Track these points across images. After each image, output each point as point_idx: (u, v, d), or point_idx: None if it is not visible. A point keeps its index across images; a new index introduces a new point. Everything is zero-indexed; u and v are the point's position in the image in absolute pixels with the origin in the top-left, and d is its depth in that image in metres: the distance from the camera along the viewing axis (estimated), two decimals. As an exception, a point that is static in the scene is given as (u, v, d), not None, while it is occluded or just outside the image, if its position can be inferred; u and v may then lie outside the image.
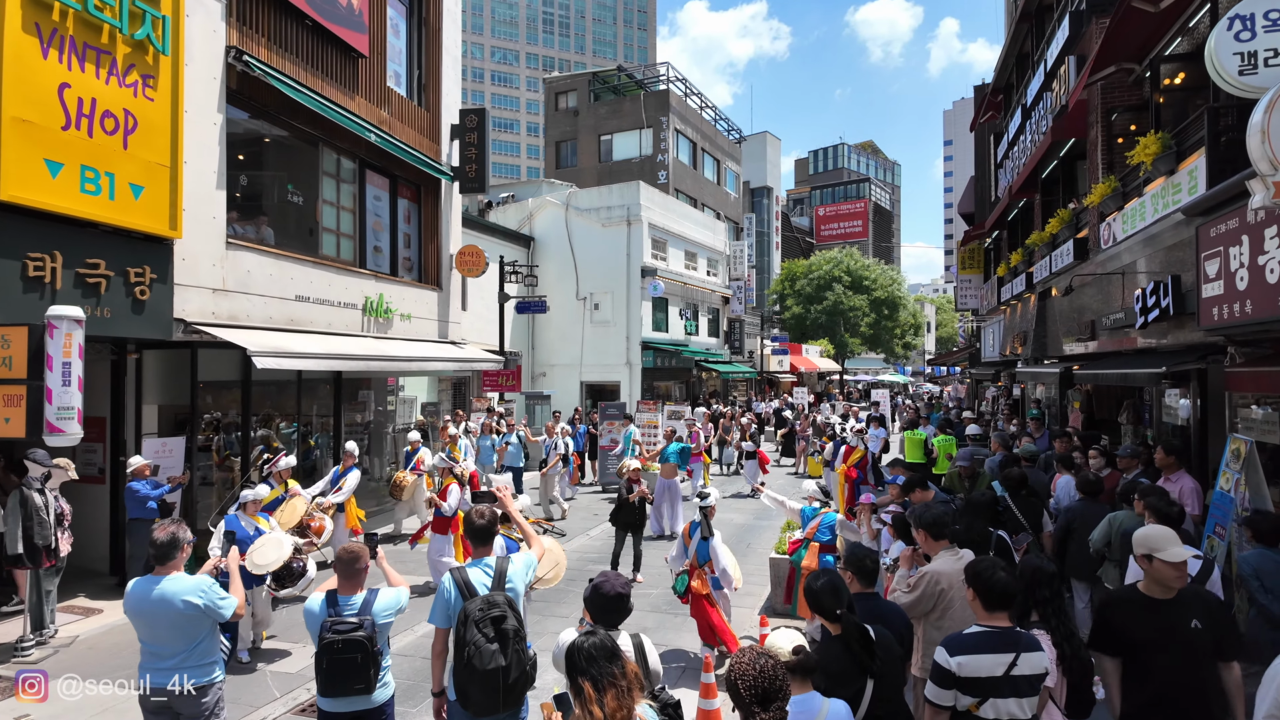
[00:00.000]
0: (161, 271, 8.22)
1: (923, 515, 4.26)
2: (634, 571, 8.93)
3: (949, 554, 4.18)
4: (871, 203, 72.26)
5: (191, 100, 8.62)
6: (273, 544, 6.53)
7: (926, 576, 4.04)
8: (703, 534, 6.35)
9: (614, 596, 3.30)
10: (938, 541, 4.22)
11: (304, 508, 8.13)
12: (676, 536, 11.17)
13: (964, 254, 20.41)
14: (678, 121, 34.98)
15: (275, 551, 6.45)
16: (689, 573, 6.45)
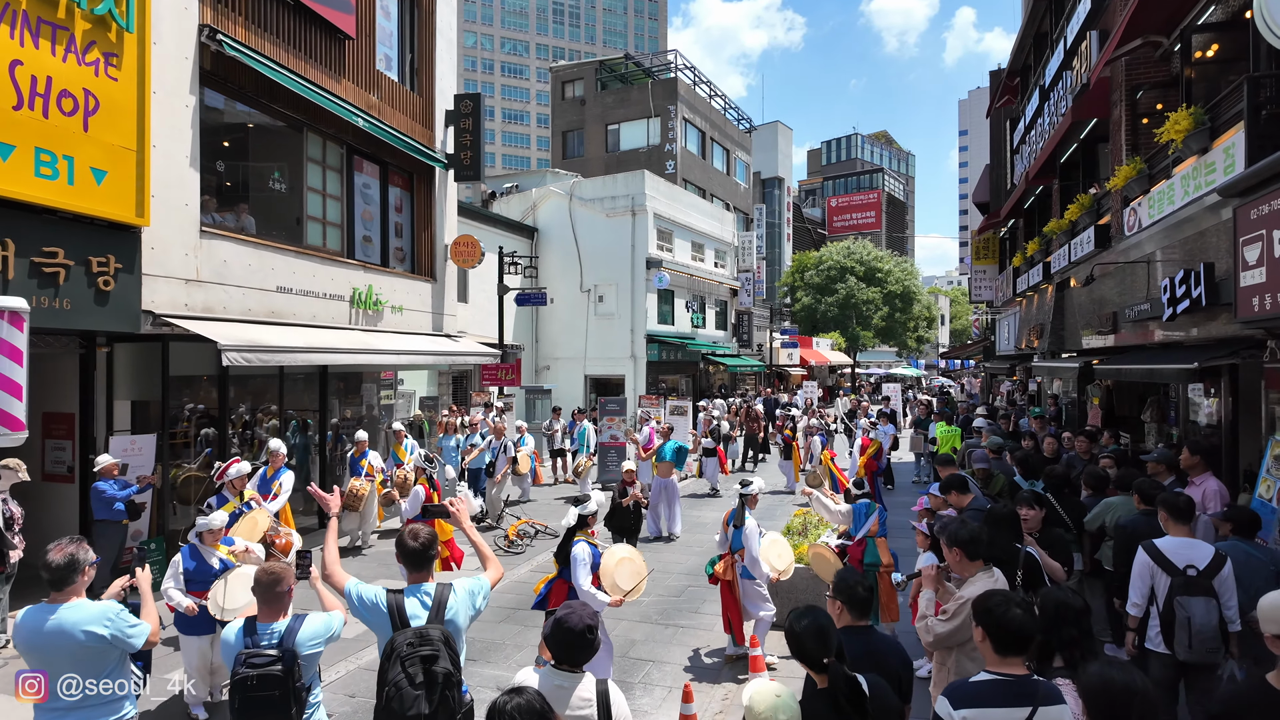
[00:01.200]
0: (128, 261, 7.82)
1: (958, 532, 3.78)
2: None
3: (986, 576, 3.71)
4: (885, 193, 71.31)
5: (160, 81, 8.20)
6: (242, 582, 5.53)
7: (966, 604, 3.56)
8: (735, 522, 6.22)
9: (578, 632, 2.80)
10: (973, 562, 3.74)
11: (266, 523, 7.10)
12: (675, 539, 10.78)
13: (979, 244, 19.75)
14: (686, 110, 34.37)
15: (246, 593, 5.50)
16: (721, 557, 6.48)
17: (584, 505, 5.84)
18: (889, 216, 71.41)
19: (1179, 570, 4.17)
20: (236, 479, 7.35)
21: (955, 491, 5.85)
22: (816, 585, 6.96)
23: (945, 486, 5.97)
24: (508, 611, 7.70)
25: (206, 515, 5.83)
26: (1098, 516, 6.06)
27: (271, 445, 8.68)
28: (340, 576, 3.32)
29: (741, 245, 31.50)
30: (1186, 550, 4.24)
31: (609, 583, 5.46)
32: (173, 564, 5.76)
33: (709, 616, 7.50)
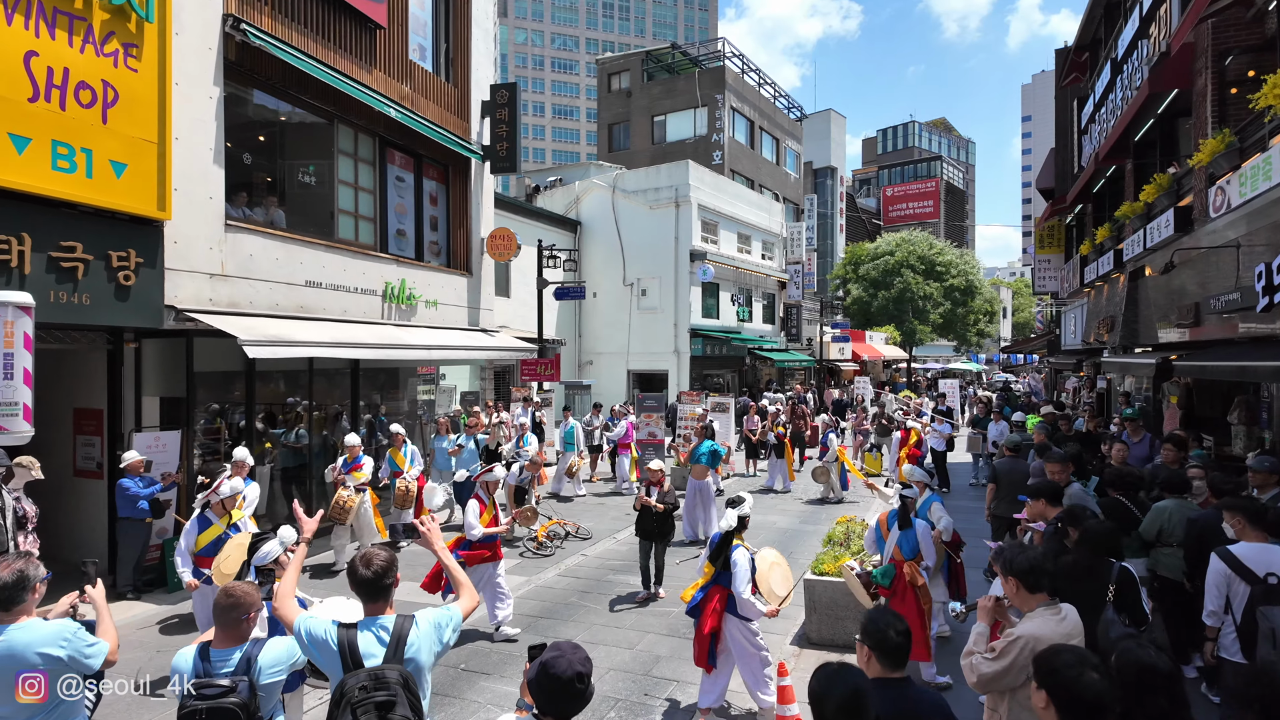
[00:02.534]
0: (149, 255, 7.71)
1: (1015, 559, 3.24)
2: (656, 585, 8.03)
3: (1049, 612, 3.16)
4: (943, 182, 68.94)
5: (182, 72, 8.08)
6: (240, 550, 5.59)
7: (1019, 642, 3.05)
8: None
9: (566, 680, 2.36)
10: (1034, 595, 3.20)
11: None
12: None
13: (1043, 231, 18.58)
14: (734, 99, 33.62)
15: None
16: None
17: (740, 506, 5.48)
18: (948, 206, 69.05)
19: (1259, 579, 3.96)
20: (228, 498, 6.22)
21: (1044, 501, 5.21)
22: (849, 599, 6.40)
23: (1035, 493, 5.32)
24: (529, 620, 7.34)
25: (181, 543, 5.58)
26: (1154, 522, 5.58)
27: (236, 454, 7.77)
28: (290, 611, 2.93)
29: (790, 236, 30.64)
30: (1265, 556, 4.03)
31: (765, 588, 5.21)
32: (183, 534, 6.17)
33: (742, 630, 7.00)
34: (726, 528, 5.37)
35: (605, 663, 6.24)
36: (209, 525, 6.11)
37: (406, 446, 10.04)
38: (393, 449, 10.08)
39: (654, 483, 8.10)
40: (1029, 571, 3.18)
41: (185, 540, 6.13)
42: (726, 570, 5.21)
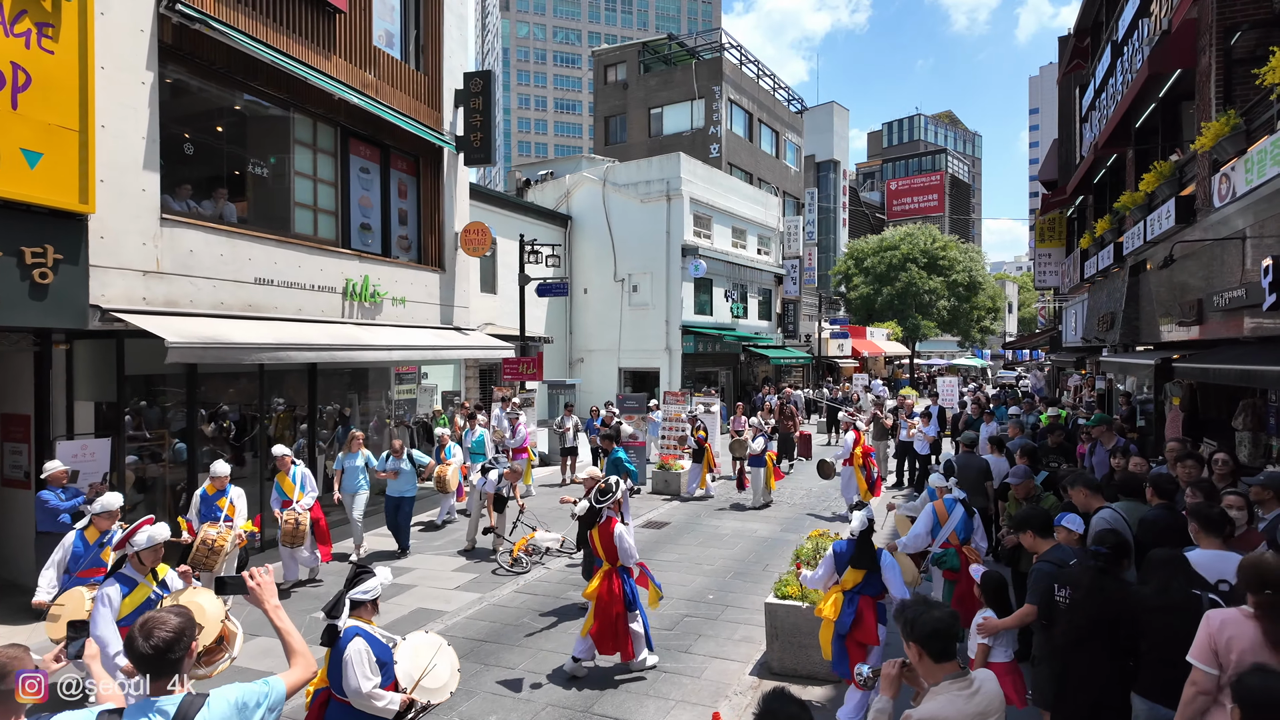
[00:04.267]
0: (71, 251, 7.19)
1: (917, 621, 2.68)
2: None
3: (956, 686, 2.60)
4: (948, 175, 68.07)
5: (109, 55, 7.56)
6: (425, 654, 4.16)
7: None
8: None
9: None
10: (939, 664, 2.64)
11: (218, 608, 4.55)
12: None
13: (1043, 224, 17.91)
14: (732, 91, 32.97)
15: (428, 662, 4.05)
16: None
17: (867, 509, 5.39)
18: (952, 199, 68.18)
19: (1211, 586, 3.77)
20: (147, 550, 4.69)
21: (1031, 532, 4.54)
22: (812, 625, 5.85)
23: (1020, 523, 4.64)
24: (473, 644, 6.81)
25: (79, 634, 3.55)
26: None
27: (215, 469, 7.52)
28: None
29: (788, 231, 30.00)
30: (1219, 564, 3.87)
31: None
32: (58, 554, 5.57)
33: (699, 658, 6.47)
34: (859, 530, 5.21)
35: (545, 696, 5.71)
36: (132, 586, 4.65)
37: (295, 470, 8.51)
38: (279, 474, 8.52)
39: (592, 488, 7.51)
40: (933, 637, 2.62)
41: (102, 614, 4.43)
42: (876, 573, 5.11)
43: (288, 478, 8.49)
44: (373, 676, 3.59)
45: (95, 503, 5.71)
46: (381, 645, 3.75)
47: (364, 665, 3.56)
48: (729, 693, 5.74)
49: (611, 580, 5.96)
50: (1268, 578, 2.95)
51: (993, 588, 4.70)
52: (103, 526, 5.64)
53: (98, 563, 5.56)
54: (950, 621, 2.63)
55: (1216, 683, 2.98)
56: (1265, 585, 2.95)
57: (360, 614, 3.81)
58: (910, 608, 2.74)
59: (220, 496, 7.54)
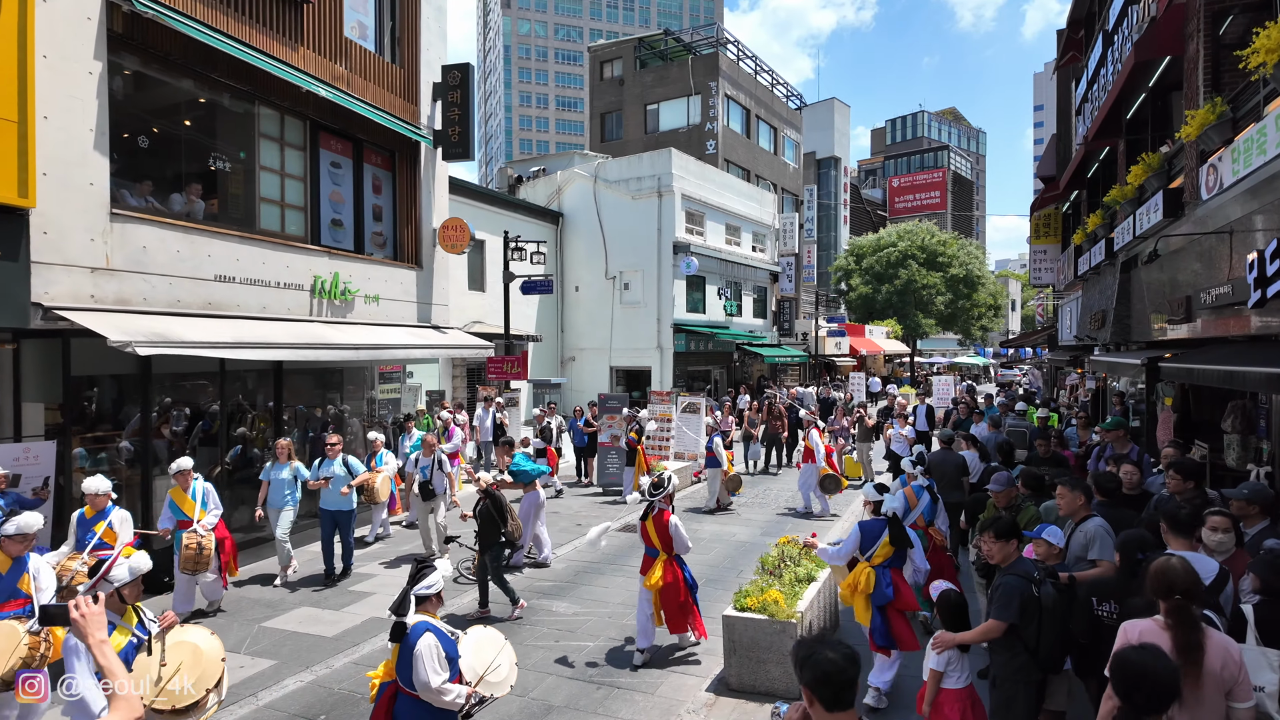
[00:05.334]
0: (10, 247, 6.93)
1: (806, 661, 2.39)
2: (480, 607, 7.64)
3: None
4: (951, 172, 67.57)
5: (51, 44, 7.29)
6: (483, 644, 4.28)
7: None
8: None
9: None
10: (830, 713, 2.34)
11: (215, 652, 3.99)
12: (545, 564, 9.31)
13: (1038, 220, 17.56)
14: (728, 87, 32.64)
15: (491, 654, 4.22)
16: None
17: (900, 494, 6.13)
18: (955, 196, 67.69)
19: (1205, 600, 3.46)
20: (129, 585, 3.89)
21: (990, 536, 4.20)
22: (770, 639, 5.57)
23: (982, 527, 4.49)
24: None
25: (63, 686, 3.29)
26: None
27: (87, 486, 6.44)
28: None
29: (784, 228, 29.66)
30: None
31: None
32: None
33: (655, 671, 6.18)
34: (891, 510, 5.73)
35: (487, 715, 5.44)
36: (110, 630, 3.67)
37: (196, 485, 7.43)
38: (175, 489, 7.40)
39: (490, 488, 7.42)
40: (823, 682, 2.32)
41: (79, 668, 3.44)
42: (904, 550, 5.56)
43: (186, 494, 7.34)
44: (442, 671, 3.67)
45: (8, 523, 4.97)
46: (449, 640, 3.82)
47: (434, 660, 3.64)
48: (681, 711, 5.45)
49: (672, 568, 6.30)
50: (1176, 583, 2.93)
51: (951, 607, 4.40)
52: (14, 552, 4.94)
53: (16, 594, 4.87)
54: (843, 665, 2.33)
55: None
56: (1174, 591, 2.92)
57: (425, 609, 3.88)
58: (802, 645, 2.45)
59: (99, 520, 6.38)
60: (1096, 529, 4.36)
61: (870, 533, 5.61)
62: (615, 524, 7.71)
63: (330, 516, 8.73)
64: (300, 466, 8.70)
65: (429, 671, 3.59)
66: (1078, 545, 4.40)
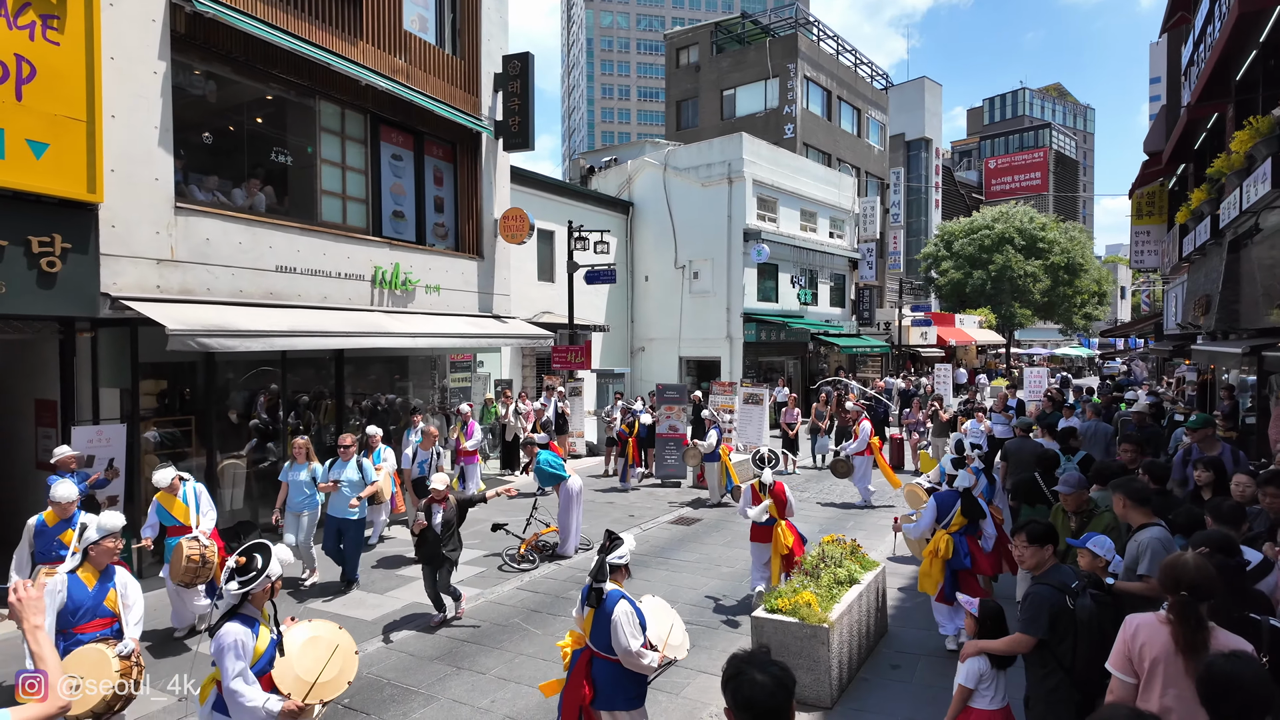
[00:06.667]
0: (80, 240, 7.32)
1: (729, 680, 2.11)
2: (454, 605, 7.02)
3: None
4: (1053, 151, 63.53)
5: (118, 46, 7.63)
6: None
7: None
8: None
9: None
10: None
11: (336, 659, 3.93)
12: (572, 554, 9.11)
13: (1140, 198, 16.07)
14: (808, 68, 31.64)
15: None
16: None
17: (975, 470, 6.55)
18: (1057, 177, 63.66)
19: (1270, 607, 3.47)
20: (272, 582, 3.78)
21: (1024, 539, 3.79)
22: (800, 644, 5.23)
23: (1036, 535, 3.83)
24: (455, 644, 6.53)
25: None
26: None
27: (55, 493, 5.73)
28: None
29: (864, 212, 28.52)
30: None
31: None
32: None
33: (684, 671, 5.94)
34: (965, 486, 6.25)
35: (504, 707, 5.35)
36: (255, 628, 3.71)
37: (186, 488, 6.72)
38: (161, 493, 6.67)
39: (436, 501, 6.77)
40: (746, 707, 2.03)
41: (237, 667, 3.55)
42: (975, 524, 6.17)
43: (175, 498, 6.62)
44: (638, 636, 3.91)
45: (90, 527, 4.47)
46: (638, 608, 4.03)
47: (632, 625, 3.90)
48: (703, 715, 5.21)
49: (792, 531, 7.08)
50: (1183, 579, 2.82)
51: (989, 618, 3.97)
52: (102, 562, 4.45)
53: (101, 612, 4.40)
54: (772, 690, 2.03)
55: (1135, 692, 2.90)
56: (1180, 586, 2.82)
57: (615, 578, 4.12)
58: (732, 662, 2.16)
59: (65, 528, 5.65)
60: (1150, 541, 3.82)
61: (944, 504, 6.29)
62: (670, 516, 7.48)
63: (335, 525, 7.95)
64: (319, 468, 8.10)
65: (628, 636, 3.84)
66: (1129, 557, 3.88)
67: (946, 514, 6.25)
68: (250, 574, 3.67)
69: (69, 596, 4.19)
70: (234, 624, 3.60)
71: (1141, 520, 4.02)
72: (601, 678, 3.99)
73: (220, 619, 3.66)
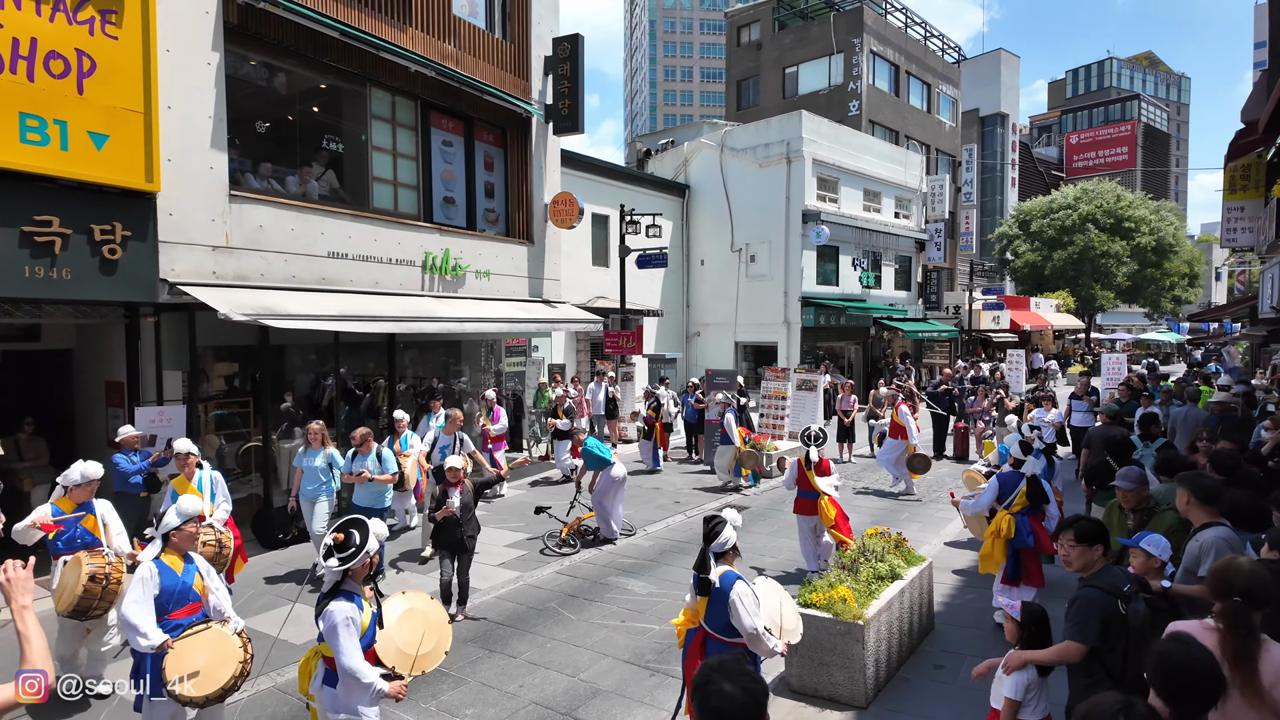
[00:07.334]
0: (139, 228, 7.61)
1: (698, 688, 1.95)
2: (458, 606, 6.67)
3: None
4: (1141, 124, 59.93)
5: (173, 38, 7.86)
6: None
7: None
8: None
9: None
10: None
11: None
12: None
13: (1234, 171, 14.84)
14: (874, 43, 30.56)
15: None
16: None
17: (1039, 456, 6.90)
18: (1146, 152, 59.99)
19: None
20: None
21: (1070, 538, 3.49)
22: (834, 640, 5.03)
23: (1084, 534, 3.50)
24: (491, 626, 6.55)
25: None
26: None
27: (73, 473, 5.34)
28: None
29: (932, 191, 27.43)
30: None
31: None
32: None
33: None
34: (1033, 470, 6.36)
35: (532, 693, 5.33)
36: (359, 603, 3.70)
37: (202, 473, 6.45)
38: (177, 479, 6.42)
39: (453, 484, 6.58)
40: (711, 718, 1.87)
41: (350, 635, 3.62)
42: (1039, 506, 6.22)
43: (190, 484, 6.32)
44: (759, 616, 3.93)
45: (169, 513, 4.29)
46: (752, 590, 4.04)
47: (751, 605, 3.91)
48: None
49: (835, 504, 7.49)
50: (1235, 583, 2.67)
51: (1032, 622, 3.69)
52: (185, 546, 4.31)
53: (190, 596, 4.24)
54: (744, 703, 1.86)
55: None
56: (1232, 591, 2.67)
57: (726, 560, 4.13)
58: (702, 670, 2.00)
59: (85, 513, 5.36)
60: (1214, 541, 3.46)
61: (1007, 485, 6.33)
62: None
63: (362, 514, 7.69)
64: (335, 453, 7.80)
65: (749, 616, 3.86)
66: (1190, 559, 3.53)
67: (1009, 495, 6.29)
68: (349, 550, 3.67)
69: (160, 583, 4.11)
70: (340, 601, 3.60)
71: (1205, 518, 3.66)
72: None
73: (323, 597, 3.68)
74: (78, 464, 5.36)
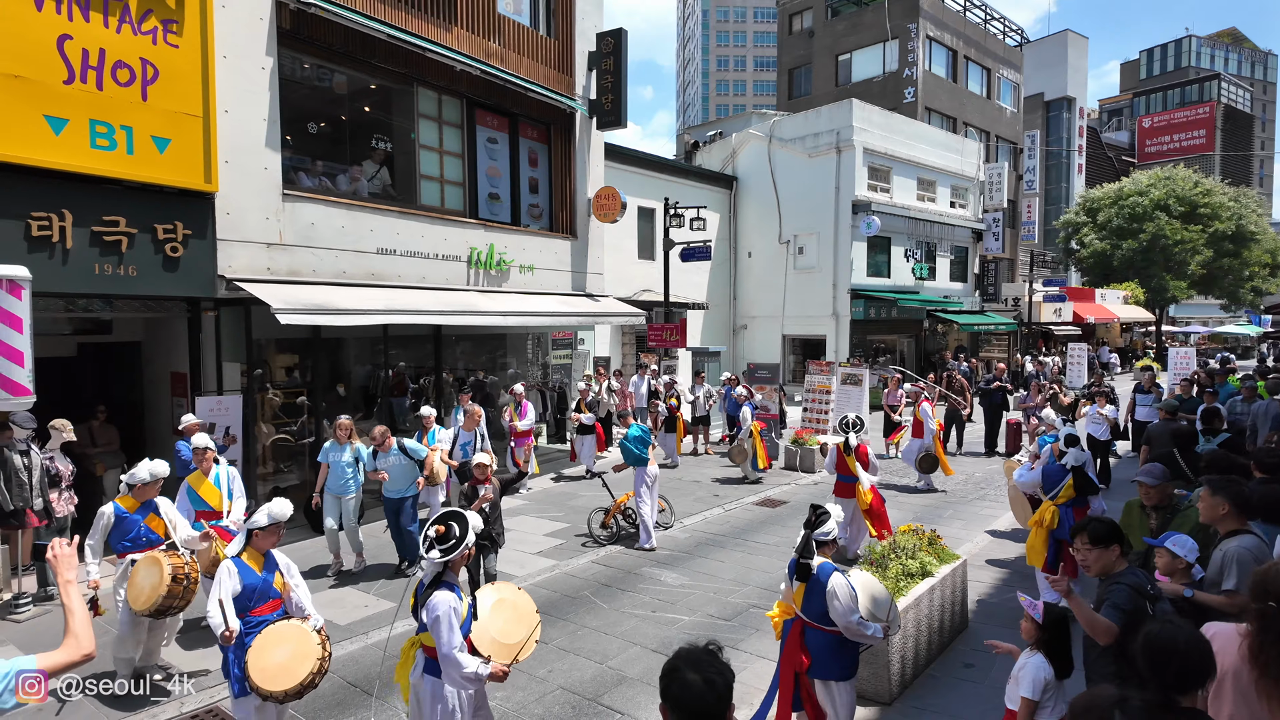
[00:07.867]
0: (199, 227, 8.02)
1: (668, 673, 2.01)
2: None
3: None
4: (1221, 105, 56.83)
5: (229, 45, 8.22)
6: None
7: None
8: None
9: None
10: None
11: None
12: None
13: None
14: (930, 27, 29.78)
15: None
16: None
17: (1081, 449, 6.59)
18: (1226, 135, 56.88)
19: None
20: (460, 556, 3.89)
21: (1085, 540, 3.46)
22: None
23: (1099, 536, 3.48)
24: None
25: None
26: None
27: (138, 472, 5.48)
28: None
29: (990, 180, 26.62)
30: None
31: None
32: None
33: (744, 655, 5.86)
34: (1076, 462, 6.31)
35: (560, 678, 5.47)
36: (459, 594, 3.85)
37: (218, 470, 6.43)
38: (193, 475, 6.37)
39: (480, 481, 6.51)
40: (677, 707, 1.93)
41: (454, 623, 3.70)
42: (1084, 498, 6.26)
43: (207, 480, 6.30)
44: (857, 608, 3.99)
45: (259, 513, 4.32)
46: (848, 582, 4.10)
47: (851, 597, 3.98)
48: (754, 700, 5.09)
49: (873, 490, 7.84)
50: (1273, 588, 2.61)
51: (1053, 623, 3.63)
52: (264, 545, 4.35)
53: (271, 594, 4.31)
54: (703, 692, 1.90)
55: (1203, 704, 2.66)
56: (1269, 596, 2.62)
57: (824, 551, 4.20)
58: (674, 657, 2.05)
59: (149, 512, 5.52)
60: (1238, 550, 3.33)
61: (1051, 477, 6.41)
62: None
63: (391, 505, 7.78)
64: (362, 448, 7.84)
65: (849, 607, 3.93)
66: (1214, 568, 3.41)
67: (1053, 487, 6.34)
68: (450, 541, 3.79)
69: (240, 581, 4.19)
70: (443, 592, 3.73)
71: (1234, 525, 3.53)
72: (816, 647, 4.09)
73: (426, 588, 3.81)
74: (144, 463, 5.53)
